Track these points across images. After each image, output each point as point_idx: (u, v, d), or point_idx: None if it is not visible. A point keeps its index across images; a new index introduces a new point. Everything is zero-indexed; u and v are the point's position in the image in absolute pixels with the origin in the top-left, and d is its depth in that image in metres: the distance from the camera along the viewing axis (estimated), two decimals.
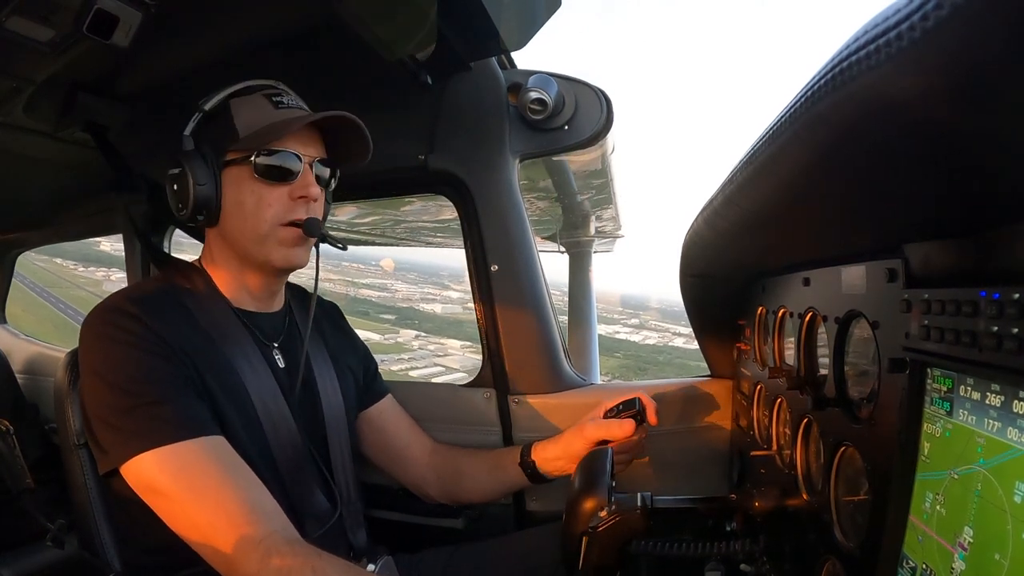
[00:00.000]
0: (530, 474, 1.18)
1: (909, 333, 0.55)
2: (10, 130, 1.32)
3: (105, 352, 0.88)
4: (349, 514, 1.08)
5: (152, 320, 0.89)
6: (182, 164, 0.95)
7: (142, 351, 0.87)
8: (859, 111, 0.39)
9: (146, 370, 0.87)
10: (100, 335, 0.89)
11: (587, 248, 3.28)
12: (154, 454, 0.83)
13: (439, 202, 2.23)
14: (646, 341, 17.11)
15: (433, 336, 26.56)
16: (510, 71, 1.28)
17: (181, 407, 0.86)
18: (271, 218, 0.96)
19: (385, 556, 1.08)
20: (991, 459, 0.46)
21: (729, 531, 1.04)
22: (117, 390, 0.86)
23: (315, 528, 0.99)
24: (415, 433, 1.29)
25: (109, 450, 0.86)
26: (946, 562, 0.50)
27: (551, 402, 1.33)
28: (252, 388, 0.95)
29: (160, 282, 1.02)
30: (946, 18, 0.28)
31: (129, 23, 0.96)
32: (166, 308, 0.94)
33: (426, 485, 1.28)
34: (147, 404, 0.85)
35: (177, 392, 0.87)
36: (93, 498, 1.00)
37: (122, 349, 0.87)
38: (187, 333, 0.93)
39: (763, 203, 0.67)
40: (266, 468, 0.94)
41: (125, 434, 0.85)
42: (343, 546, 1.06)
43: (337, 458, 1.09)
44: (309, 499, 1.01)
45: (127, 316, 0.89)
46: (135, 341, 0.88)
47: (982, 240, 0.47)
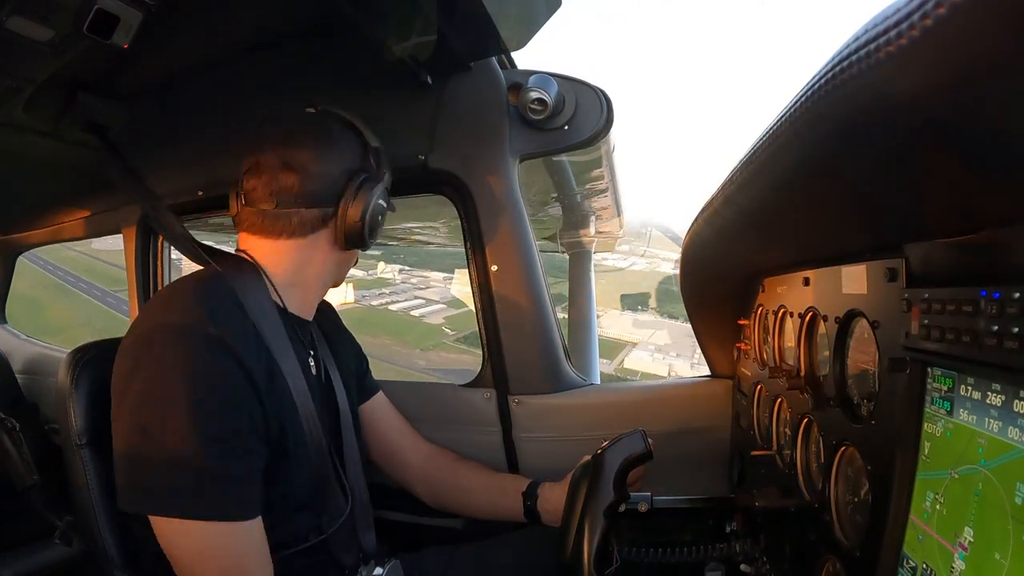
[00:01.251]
0: (528, 507, 1.18)
1: (909, 332, 0.55)
2: (10, 130, 1.32)
3: (183, 390, 0.80)
4: (360, 515, 1.08)
5: (233, 342, 0.84)
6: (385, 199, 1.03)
7: (227, 405, 0.82)
8: (859, 110, 0.39)
9: (223, 432, 0.82)
10: (181, 366, 0.81)
11: (587, 248, 3.27)
12: (186, 525, 0.81)
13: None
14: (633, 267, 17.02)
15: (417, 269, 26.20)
16: (510, 71, 1.28)
17: (236, 482, 0.83)
18: None
19: (393, 560, 1.08)
20: (992, 460, 0.46)
21: (729, 531, 1.04)
22: (188, 440, 0.80)
23: (330, 524, 1.00)
24: (407, 435, 1.30)
25: (139, 491, 0.82)
26: (946, 562, 0.50)
27: (551, 402, 1.33)
28: (296, 392, 0.94)
29: (219, 283, 0.93)
30: (946, 18, 0.28)
31: (129, 23, 0.96)
32: (237, 319, 0.89)
33: (416, 487, 1.28)
34: (203, 469, 0.80)
35: (238, 460, 0.83)
36: (95, 498, 1.00)
37: (209, 397, 0.81)
38: (251, 344, 0.88)
39: (763, 202, 0.67)
40: (305, 469, 0.95)
41: (164, 488, 0.81)
42: (354, 547, 1.06)
43: (350, 459, 1.10)
44: (329, 497, 1.01)
45: (212, 343, 0.83)
46: (222, 389, 0.82)
47: (982, 240, 0.47)
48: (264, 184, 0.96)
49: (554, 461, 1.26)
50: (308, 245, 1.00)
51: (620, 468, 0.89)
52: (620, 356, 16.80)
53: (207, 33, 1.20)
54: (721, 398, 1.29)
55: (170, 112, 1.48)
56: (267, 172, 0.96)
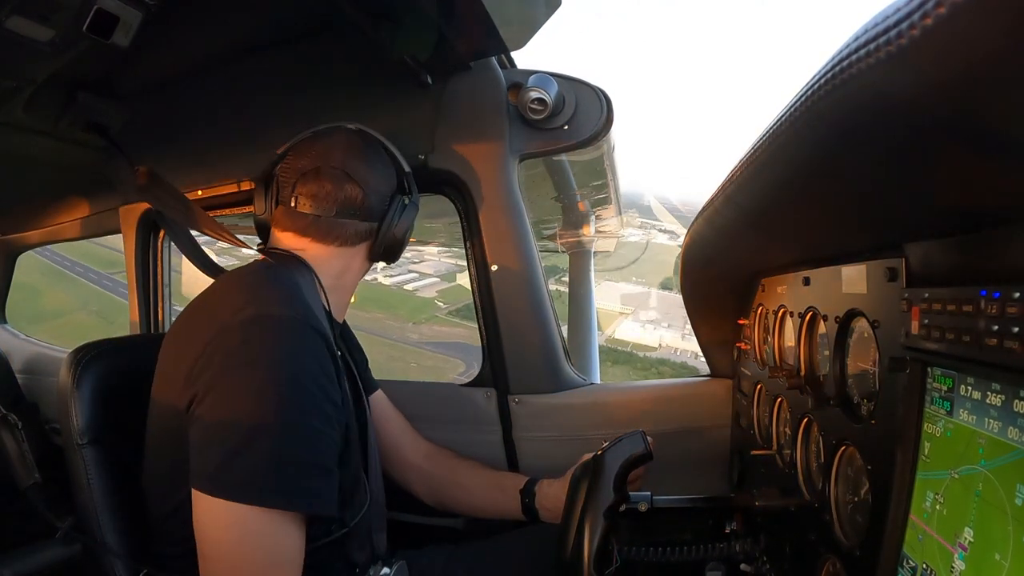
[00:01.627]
0: (526, 504, 1.19)
1: (909, 332, 0.55)
2: (10, 130, 1.32)
3: (285, 376, 0.81)
4: (376, 514, 1.08)
5: (320, 327, 0.87)
6: (415, 212, 1.09)
7: (323, 398, 0.83)
8: (859, 110, 0.39)
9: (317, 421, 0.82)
10: (286, 353, 0.82)
11: (587, 248, 3.27)
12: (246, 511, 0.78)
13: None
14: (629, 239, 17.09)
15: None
16: (510, 71, 1.28)
17: (321, 477, 0.83)
18: None
19: (400, 561, 1.08)
20: (993, 460, 0.46)
21: (729, 531, 1.04)
22: (279, 426, 0.79)
23: (352, 519, 0.98)
24: (407, 434, 1.30)
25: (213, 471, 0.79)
26: (946, 562, 0.50)
27: (551, 402, 1.33)
28: (343, 385, 0.95)
29: (283, 274, 0.96)
30: (946, 17, 0.28)
31: (129, 23, 0.96)
32: (312, 308, 0.91)
33: (415, 487, 1.28)
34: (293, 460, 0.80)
35: (325, 457, 0.84)
36: (96, 498, 1.00)
37: (311, 386, 0.82)
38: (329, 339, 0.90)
39: (763, 202, 0.67)
40: (350, 460, 0.95)
41: (243, 472, 0.78)
42: (368, 546, 1.06)
43: (372, 456, 1.10)
44: (356, 492, 1.01)
45: (316, 335, 0.85)
46: (323, 380, 0.84)
47: (982, 240, 0.47)
48: (327, 192, 1.00)
49: (554, 461, 1.26)
50: (352, 254, 1.06)
51: (620, 469, 0.89)
52: (612, 327, 16.80)
53: (207, 33, 1.20)
54: (721, 398, 1.29)
55: (170, 112, 1.48)
56: (331, 181, 1.01)
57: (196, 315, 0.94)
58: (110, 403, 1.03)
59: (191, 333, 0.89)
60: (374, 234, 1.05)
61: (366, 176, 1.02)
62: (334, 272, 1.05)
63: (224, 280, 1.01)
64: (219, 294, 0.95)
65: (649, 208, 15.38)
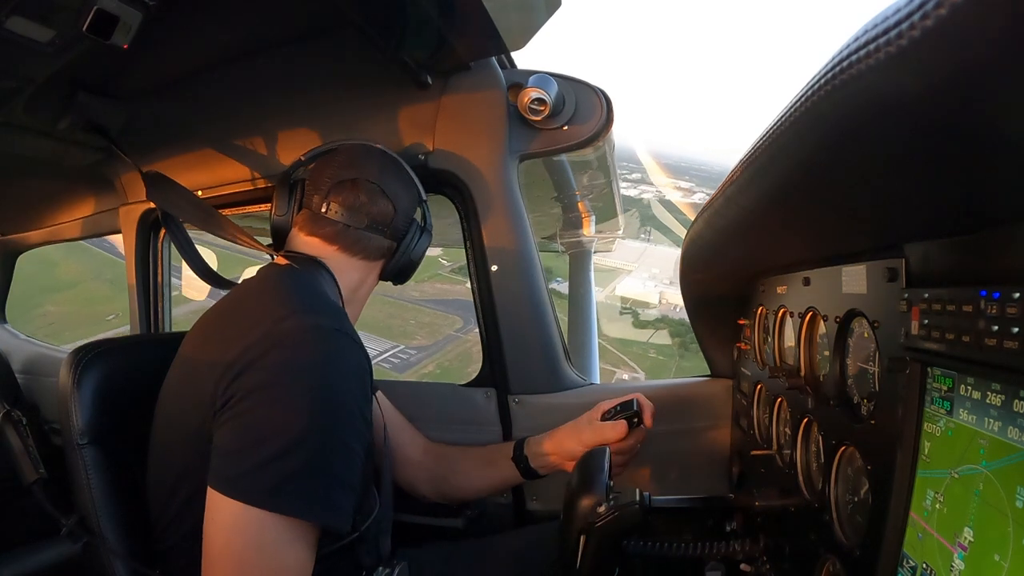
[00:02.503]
0: (523, 469, 1.18)
1: (909, 332, 0.55)
2: (10, 130, 1.32)
3: (326, 386, 0.81)
4: (384, 516, 1.08)
5: (363, 348, 0.88)
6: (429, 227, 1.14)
7: (357, 413, 0.83)
8: (859, 110, 0.39)
9: (352, 437, 0.83)
10: (332, 363, 0.82)
11: (587, 248, 3.27)
12: (260, 515, 0.77)
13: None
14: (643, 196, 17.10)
15: None
16: (510, 71, 1.28)
17: (344, 492, 0.83)
18: None
19: (402, 562, 1.08)
20: (994, 461, 0.46)
21: (729, 531, 1.04)
22: (317, 436, 0.79)
23: (362, 523, 0.97)
24: (408, 432, 1.30)
25: (238, 475, 0.78)
26: (946, 561, 0.50)
27: (551, 402, 1.33)
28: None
29: (317, 285, 0.99)
30: (946, 18, 0.28)
31: (129, 23, 0.96)
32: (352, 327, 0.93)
33: (418, 484, 1.28)
34: (323, 472, 0.80)
35: (352, 473, 0.84)
36: (96, 498, 1.00)
37: (348, 398, 0.82)
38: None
39: (763, 202, 0.67)
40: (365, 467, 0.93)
41: (270, 478, 0.77)
42: (374, 548, 1.06)
43: (385, 463, 1.11)
44: (368, 495, 1.01)
45: (356, 347, 0.86)
46: (361, 394, 0.84)
47: (982, 240, 0.47)
48: (362, 203, 1.03)
49: None
50: (370, 268, 1.09)
51: (607, 465, 0.89)
52: (612, 284, 16.78)
53: (207, 33, 1.20)
54: (721, 398, 1.29)
55: (170, 112, 1.48)
56: (367, 193, 1.04)
57: (229, 319, 0.94)
58: (110, 403, 1.02)
59: (224, 337, 0.88)
60: (392, 253, 1.09)
61: (398, 194, 1.07)
62: (352, 284, 1.07)
63: (255, 285, 0.99)
64: (254, 299, 0.94)
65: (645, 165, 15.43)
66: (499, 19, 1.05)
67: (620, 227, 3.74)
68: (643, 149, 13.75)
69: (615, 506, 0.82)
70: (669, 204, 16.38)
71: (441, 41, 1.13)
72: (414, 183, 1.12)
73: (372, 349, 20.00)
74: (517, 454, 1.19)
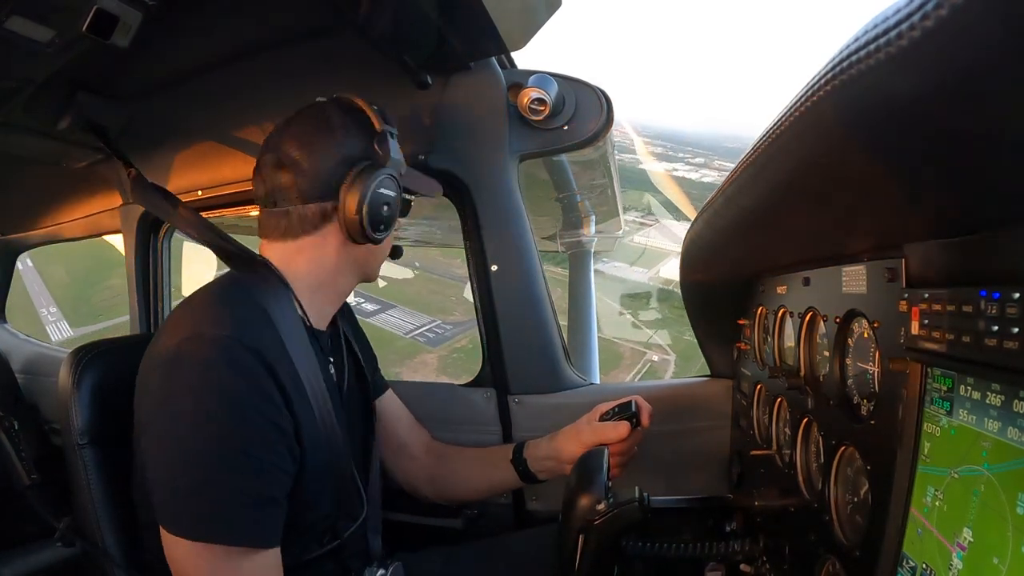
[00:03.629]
0: (521, 472, 1.17)
1: (909, 332, 0.55)
2: (10, 130, 1.32)
3: (212, 398, 0.78)
4: (372, 517, 1.08)
5: (266, 352, 0.81)
6: (398, 187, 0.98)
7: (257, 416, 0.79)
8: (859, 111, 0.39)
9: (257, 449, 0.79)
10: (212, 375, 0.78)
11: (587, 248, 3.27)
12: (200, 547, 0.77)
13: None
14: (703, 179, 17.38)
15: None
16: (510, 71, 1.28)
17: (267, 505, 0.80)
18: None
19: (395, 562, 1.08)
20: (996, 464, 0.46)
21: (729, 531, 1.04)
22: (205, 450, 0.78)
23: (345, 528, 0.98)
24: (415, 430, 1.29)
25: (169, 509, 0.79)
26: (944, 559, 0.50)
27: (551, 402, 1.33)
28: (316, 405, 0.90)
29: (243, 292, 0.91)
30: (946, 18, 0.28)
31: (129, 23, 0.96)
32: (266, 328, 0.86)
33: (419, 482, 1.27)
34: (228, 491, 0.78)
35: (269, 482, 0.81)
36: (96, 498, 1.00)
37: (238, 405, 0.78)
38: (282, 357, 0.85)
39: (763, 202, 0.67)
40: (326, 482, 0.93)
41: (184, 505, 0.78)
42: (362, 550, 1.06)
43: (372, 464, 1.10)
44: (348, 502, 1.00)
45: (246, 351, 0.80)
46: (252, 397, 0.79)
47: (982, 240, 0.47)
48: (262, 184, 0.95)
49: None
50: (318, 243, 0.97)
51: (605, 465, 0.89)
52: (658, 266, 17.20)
53: (207, 33, 1.20)
54: (721, 398, 1.29)
55: (170, 112, 1.48)
56: (264, 171, 0.95)
57: (158, 334, 0.90)
58: (110, 403, 1.02)
59: (148, 354, 0.88)
60: (333, 215, 0.94)
61: (299, 156, 0.92)
62: (305, 271, 0.97)
63: (186, 297, 0.96)
64: (174, 313, 0.92)
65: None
66: (499, 19, 1.05)
67: (620, 227, 3.74)
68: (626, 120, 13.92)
69: (614, 504, 0.82)
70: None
71: (441, 41, 1.13)
72: (347, 129, 0.95)
73: (409, 323, 20.28)
74: (516, 457, 1.18)
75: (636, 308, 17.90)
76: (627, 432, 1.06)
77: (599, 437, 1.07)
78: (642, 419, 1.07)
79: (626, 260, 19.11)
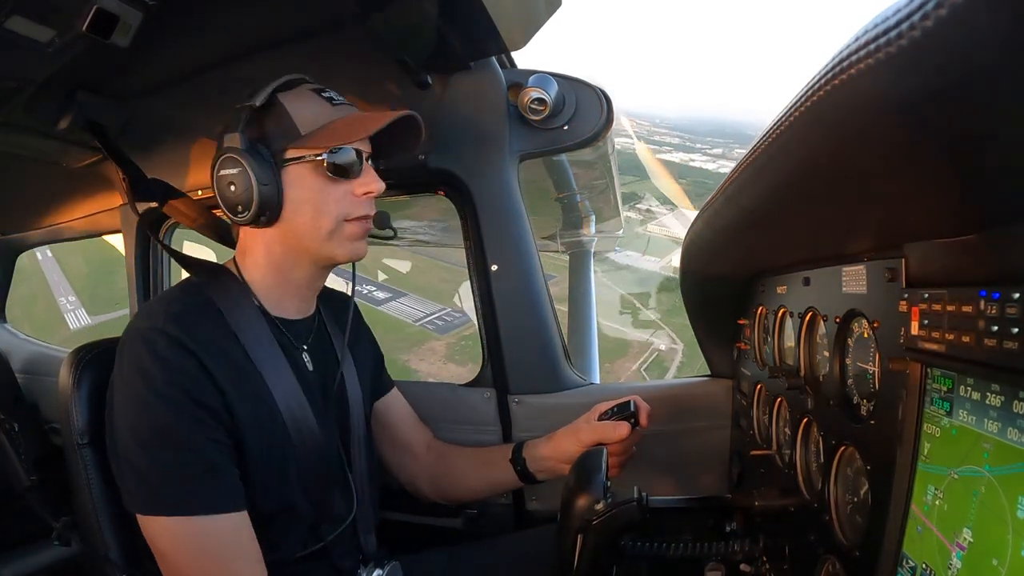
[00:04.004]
0: (520, 472, 1.17)
1: (909, 332, 0.55)
2: (10, 130, 1.32)
3: (144, 387, 0.85)
4: (363, 517, 1.08)
5: (192, 340, 0.87)
6: (240, 163, 0.91)
7: (184, 398, 0.84)
8: (860, 111, 0.39)
9: (184, 425, 0.84)
10: (140, 366, 0.85)
11: (587, 248, 3.27)
12: (170, 521, 0.84)
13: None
14: (720, 170, 17.72)
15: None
16: (510, 71, 1.27)
17: (211, 476, 0.85)
18: (338, 214, 0.95)
19: (392, 562, 1.07)
20: (998, 467, 0.46)
21: (729, 531, 1.04)
22: (151, 435, 0.84)
23: (329, 531, 0.99)
24: (418, 429, 1.29)
25: (132, 492, 0.87)
26: (944, 558, 0.50)
27: (551, 402, 1.33)
28: (278, 394, 0.94)
29: (193, 289, 0.97)
30: (946, 18, 0.28)
31: (129, 23, 0.96)
32: (205, 321, 0.91)
33: (420, 482, 1.27)
34: (178, 465, 0.84)
35: (211, 455, 0.86)
36: (96, 498, 1.00)
37: (165, 391, 0.84)
38: (222, 347, 0.91)
39: (763, 202, 0.67)
40: (289, 473, 0.94)
41: (148, 488, 0.85)
42: (354, 550, 1.06)
43: (357, 459, 1.09)
44: (328, 502, 1.01)
45: (170, 341, 0.86)
46: (176, 381, 0.85)
47: (982, 240, 0.47)
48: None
49: None
50: (246, 237, 1.01)
51: (604, 465, 0.89)
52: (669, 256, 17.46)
53: (207, 33, 1.20)
54: (721, 398, 1.29)
55: (170, 112, 1.48)
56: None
57: None
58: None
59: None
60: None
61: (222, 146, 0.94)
62: (252, 265, 1.00)
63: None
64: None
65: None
66: (499, 19, 1.05)
67: (621, 227, 3.74)
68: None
69: (612, 503, 0.82)
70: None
71: (441, 41, 1.13)
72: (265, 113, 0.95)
73: (419, 311, 20.48)
74: (515, 456, 1.18)
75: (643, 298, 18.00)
76: (626, 432, 1.06)
77: (598, 437, 1.07)
78: (641, 419, 1.07)
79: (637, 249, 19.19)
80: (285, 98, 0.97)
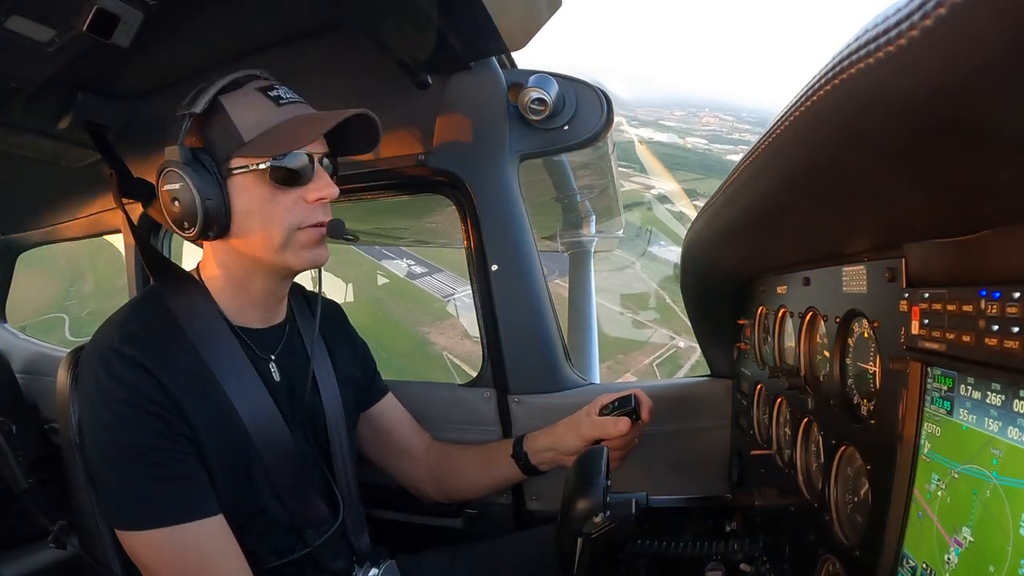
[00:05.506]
0: (523, 465, 1.17)
1: (909, 332, 0.55)
2: (10, 130, 1.32)
3: (102, 407, 0.85)
4: (351, 518, 1.07)
5: (146, 357, 0.85)
6: (182, 177, 0.86)
7: (140, 413, 0.84)
8: (860, 110, 0.39)
9: (143, 440, 0.84)
10: (97, 386, 0.86)
11: (587, 248, 3.28)
12: (144, 535, 0.84)
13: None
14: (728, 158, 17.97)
15: None
16: (510, 71, 1.28)
17: (180, 485, 0.85)
18: (289, 224, 0.90)
19: (388, 560, 1.07)
20: (1007, 477, 0.45)
21: (729, 531, 1.04)
22: (116, 453, 0.85)
23: (315, 537, 0.99)
24: (417, 432, 1.29)
25: (109, 510, 0.91)
26: (942, 549, 0.50)
27: (551, 402, 1.33)
28: (240, 403, 0.92)
29: (154, 301, 0.95)
30: (946, 18, 0.28)
31: (129, 23, 0.96)
32: (159, 335, 0.90)
33: (423, 483, 1.27)
34: (146, 479, 0.84)
35: (176, 466, 0.85)
36: (94, 498, 1.00)
37: (120, 409, 0.84)
38: (179, 359, 0.89)
39: (763, 202, 0.67)
40: (255, 480, 0.93)
41: (120, 504, 0.86)
42: (345, 551, 1.05)
43: (339, 463, 1.08)
44: (309, 509, 1.00)
45: (123, 360, 0.85)
46: (131, 399, 0.84)
47: (982, 240, 0.47)
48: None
49: None
50: (205, 249, 1.00)
51: (605, 466, 0.89)
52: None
53: (207, 33, 1.20)
54: (721, 398, 1.29)
55: (170, 112, 1.48)
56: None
57: None
58: None
59: None
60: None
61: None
62: (212, 276, 0.98)
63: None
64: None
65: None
66: (499, 19, 1.05)
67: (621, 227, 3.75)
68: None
69: (611, 516, 0.81)
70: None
71: (441, 41, 1.13)
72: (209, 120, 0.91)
73: (449, 288, 20.82)
74: (516, 450, 1.18)
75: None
76: (627, 428, 1.05)
77: (599, 432, 1.07)
78: (642, 414, 1.07)
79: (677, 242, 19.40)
80: (228, 101, 0.91)
